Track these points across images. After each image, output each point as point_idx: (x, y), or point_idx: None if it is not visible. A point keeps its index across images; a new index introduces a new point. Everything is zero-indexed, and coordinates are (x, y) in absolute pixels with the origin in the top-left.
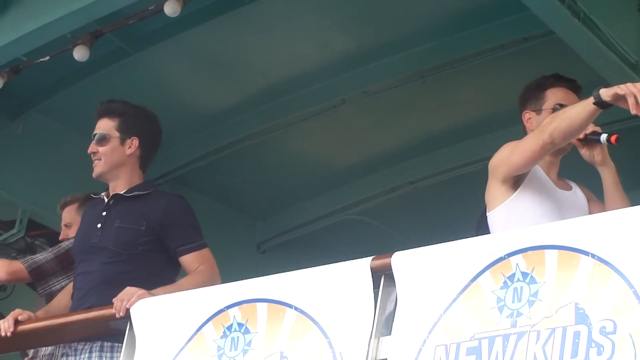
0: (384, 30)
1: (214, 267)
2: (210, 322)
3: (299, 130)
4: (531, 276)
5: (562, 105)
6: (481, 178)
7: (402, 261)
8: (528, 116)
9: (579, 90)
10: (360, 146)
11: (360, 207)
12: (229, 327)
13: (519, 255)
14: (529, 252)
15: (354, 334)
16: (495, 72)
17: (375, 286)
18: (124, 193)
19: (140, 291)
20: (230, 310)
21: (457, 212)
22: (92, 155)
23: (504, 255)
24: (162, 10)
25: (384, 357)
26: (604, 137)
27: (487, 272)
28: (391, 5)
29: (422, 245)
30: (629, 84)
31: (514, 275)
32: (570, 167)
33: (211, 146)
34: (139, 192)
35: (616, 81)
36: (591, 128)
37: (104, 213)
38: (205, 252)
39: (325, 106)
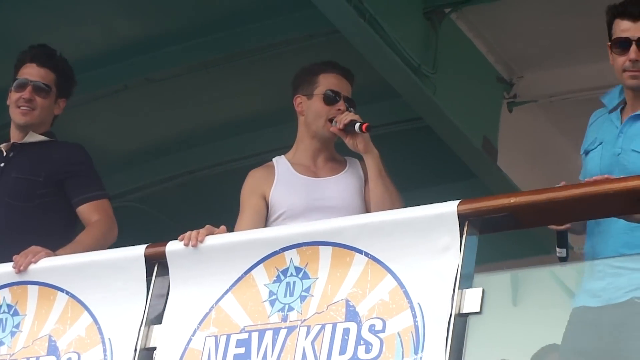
0: (171, 18)
1: (111, 217)
2: None
3: (79, 114)
4: (304, 271)
5: (333, 92)
6: None
7: (176, 250)
8: (299, 100)
9: (351, 78)
10: (141, 133)
11: (138, 194)
12: None
13: (294, 250)
14: (304, 248)
15: (124, 321)
16: (280, 66)
17: (149, 274)
18: (23, 142)
19: (45, 251)
20: (0, 292)
21: (235, 204)
22: (22, 99)
23: (279, 250)
24: None
25: (154, 346)
26: (357, 125)
27: (261, 265)
28: None
29: None
30: None
31: (287, 269)
32: None
33: None
34: (37, 140)
35: (397, 83)
36: (349, 117)
37: (2, 164)
38: (104, 203)
39: (107, 91)
